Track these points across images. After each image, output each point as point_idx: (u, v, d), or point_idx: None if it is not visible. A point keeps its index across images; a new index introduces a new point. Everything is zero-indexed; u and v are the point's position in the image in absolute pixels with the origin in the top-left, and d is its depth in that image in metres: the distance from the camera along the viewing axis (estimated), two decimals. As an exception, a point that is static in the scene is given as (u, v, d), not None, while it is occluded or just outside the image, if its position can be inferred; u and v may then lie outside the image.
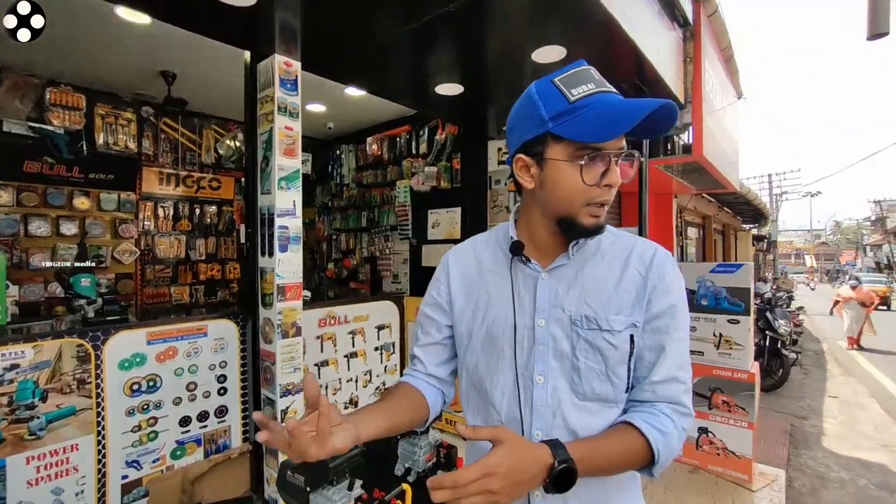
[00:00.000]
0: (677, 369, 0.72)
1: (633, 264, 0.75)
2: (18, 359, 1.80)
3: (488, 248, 0.85)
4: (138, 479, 2.17)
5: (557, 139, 0.69)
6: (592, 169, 0.68)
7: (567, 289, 0.75)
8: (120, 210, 4.03)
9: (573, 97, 0.67)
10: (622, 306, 0.72)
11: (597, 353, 0.71)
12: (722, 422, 2.79)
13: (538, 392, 0.73)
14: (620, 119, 0.64)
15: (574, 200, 0.70)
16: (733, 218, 11.61)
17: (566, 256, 0.76)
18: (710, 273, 2.85)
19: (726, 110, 4.34)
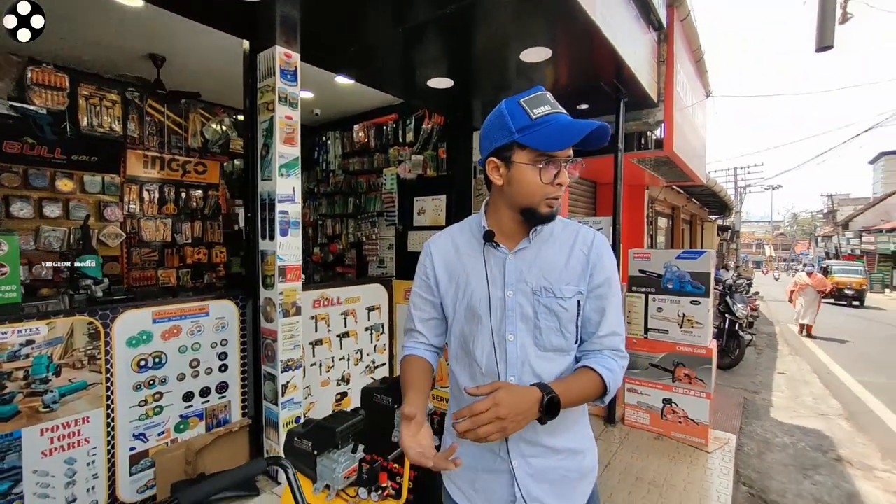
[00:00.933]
0: (616, 325, 0.95)
1: (578, 246, 0.96)
2: (34, 335, 1.88)
3: (463, 235, 1.04)
4: (145, 451, 2.29)
5: (522, 147, 0.88)
6: (548, 171, 0.88)
7: (529, 267, 0.95)
8: (104, 193, 3.99)
9: (535, 115, 0.87)
10: (571, 279, 0.94)
11: (553, 315, 0.92)
12: (684, 393, 3.11)
13: (510, 347, 0.93)
14: (569, 135, 0.86)
15: (535, 195, 0.90)
16: (700, 209, 12.21)
17: (527, 241, 0.96)
18: (675, 259, 3.14)
19: (695, 108, 4.63)
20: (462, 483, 1.02)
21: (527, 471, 0.93)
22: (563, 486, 0.96)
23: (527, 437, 0.93)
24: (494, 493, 0.96)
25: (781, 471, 3.15)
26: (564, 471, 0.96)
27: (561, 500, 0.95)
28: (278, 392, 2.42)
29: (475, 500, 0.99)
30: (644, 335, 3.31)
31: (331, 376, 3.23)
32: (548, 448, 0.94)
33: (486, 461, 0.97)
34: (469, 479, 1.00)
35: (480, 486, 0.98)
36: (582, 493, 0.99)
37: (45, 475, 1.94)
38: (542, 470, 0.94)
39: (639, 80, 2.98)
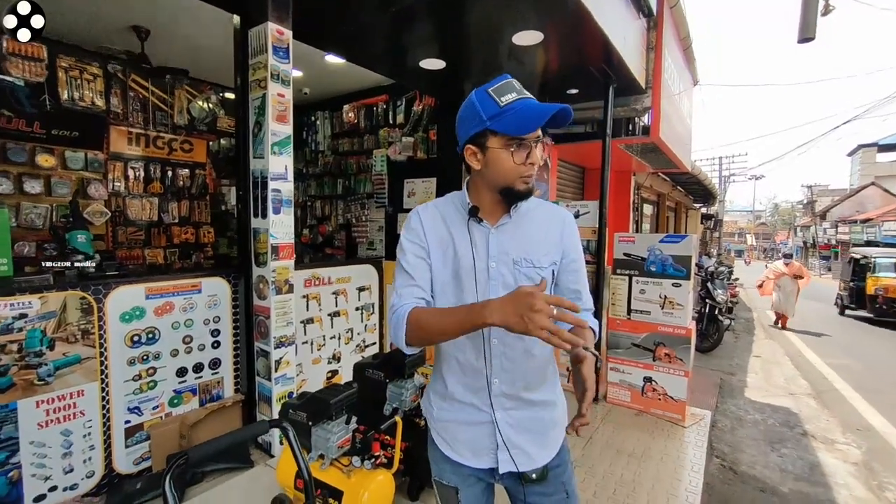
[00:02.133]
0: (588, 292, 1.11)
1: (553, 223, 1.08)
2: (26, 309, 1.88)
3: (447, 208, 1.09)
4: (139, 425, 2.33)
5: (494, 133, 0.96)
6: (519, 153, 0.96)
7: (510, 240, 1.04)
8: (87, 169, 3.91)
9: (502, 103, 0.94)
10: (547, 251, 1.05)
11: (531, 283, 0.99)
12: (664, 371, 3.25)
13: None
14: (534, 118, 0.93)
15: (510, 175, 0.98)
16: (685, 196, 12.44)
17: (508, 216, 1.05)
18: (659, 243, 3.24)
19: (682, 96, 4.70)
20: (447, 435, 1.11)
21: (508, 421, 1.04)
22: (541, 434, 1.08)
23: (507, 391, 1.04)
24: (478, 443, 1.06)
25: (752, 444, 3.34)
26: (540, 420, 1.07)
27: (537, 446, 1.07)
28: (271, 368, 2.46)
29: (460, 450, 1.09)
30: (627, 316, 3.43)
31: (322, 354, 3.29)
32: (526, 401, 1.05)
33: (469, 414, 1.06)
34: (454, 431, 1.09)
35: (464, 437, 1.08)
36: (554, 439, 1.11)
37: (41, 446, 1.97)
38: (521, 420, 1.05)
39: (628, 66, 3.02)
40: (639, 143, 4.23)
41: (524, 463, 1.05)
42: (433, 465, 1.17)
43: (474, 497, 1.13)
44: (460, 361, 1.05)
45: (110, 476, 2.20)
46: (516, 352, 1.02)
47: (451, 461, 1.10)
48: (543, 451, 1.08)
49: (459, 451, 1.09)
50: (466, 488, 1.12)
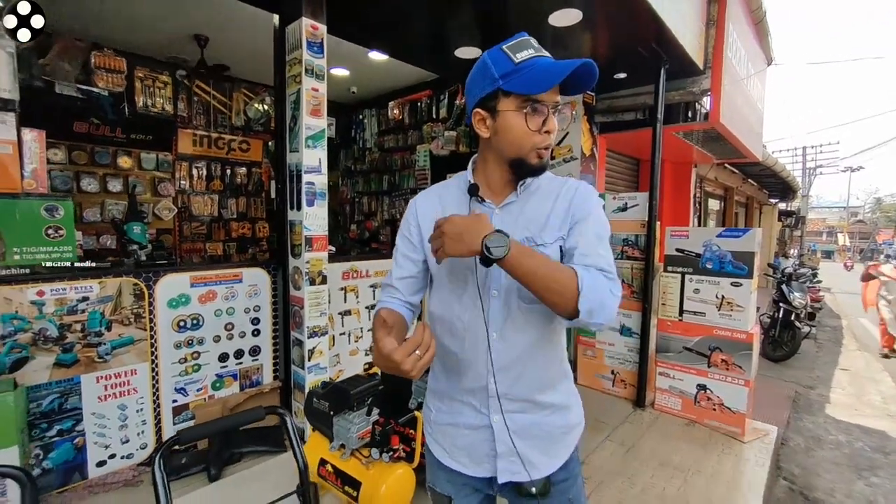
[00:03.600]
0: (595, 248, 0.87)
1: (562, 195, 0.93)
2: (88, 292, 2.08)
3: (449, 191, 1.02)
4: (185, 405, 2.49)
5: (506, 94, 0.85)
6: (534, 118, 0.85)
7: (515, 220, 0.93)
8: (158, 169, 4.30)
9: (517, 60, 0.84)
10: (553, 226, 0.91)
11: None
12: (720, 379, 2.94)
13: (494, 303, 0.91)
14: (553, 74, 0.82)
15: (523, 144, 0.87)
16: (758, 191, 11.30)
17: (515, 195, 0.94)
18: (716, 237, 2.93)
19: (752, 76, 4.24)
20: (444, 441, 1.02)
21: (508, 426, 0.93)
22: (548, 440, 0.96)
23: (509, 392, 0.92)
24: (476, 448, 0.97)
25: (832, 469, 2.92)
26: (549, 426, 0.95)
27: (544, 454, 0.95)
28: (305, 357, 2.53)
29: (458, 457, 0.99)
30: (679, 317, 3.14)
31: (359, 346, 3.34)
32: (532, 403, 0.94)
33: (465, 417, 0.97)
34: (450, 435, 1.00)
35: (462, 443, 0.98)
36: (563, 448, 0.98)
37: (101, 417, 2.16)
38: (525, 426, 0.94)
39: (682, 44, 2.76)
40: (699, 130, 3.86)
41: (524, 473, 0.94)
42: (427, 471, 1.09)
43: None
44: (459, 358, 0.95)
45: (160, 449, 2.38)
46: (518, 349, 0.91)
47: (445, 468, 1.02)
48: (549, 460, 0.96)
49: (457, 458, 1.00)
50: (461, 499, 1.03)
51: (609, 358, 3.56)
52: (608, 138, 4.48)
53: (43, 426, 1.97)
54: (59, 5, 3.09)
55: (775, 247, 12.65)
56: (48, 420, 1.99)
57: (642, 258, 3.30)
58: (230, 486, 2.19)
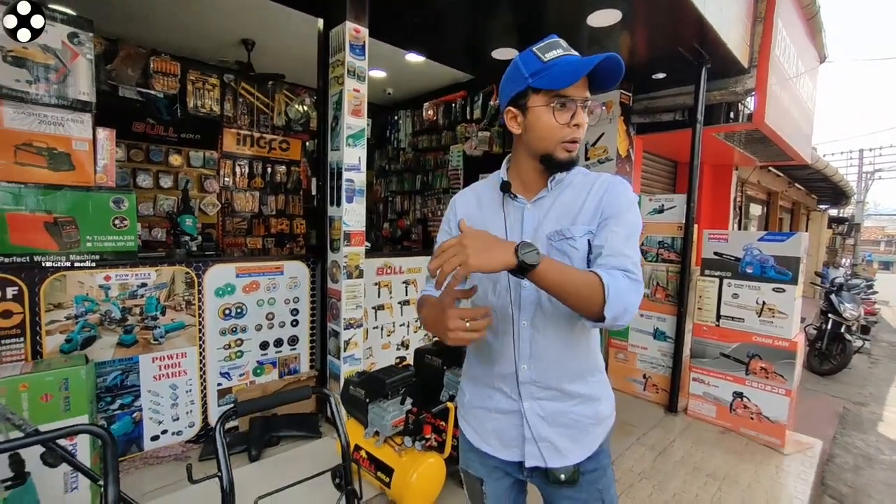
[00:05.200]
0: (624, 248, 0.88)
1: (594, 189, 0.95)
2: (146, 279, 2.24)
3: (486, 189, 1.06)
4: (229, 388, 2.63)
5: (536, 91, 0.89)
6: (563, 112, 0.88)
7: (546, 214, 0.96)
8: (205, 167, 4.54)
9: (546, 59, 0.88)
10: (584, 220, 0.93)
11: (565, 256, 0.92)
12: (758, 387, 2.84)
13: (524, 293, 0.95)
14: (578, 68, 0.86)
15: (551, 138, 0.90)
16: (806, 196, 10.72)
17: (546, 190, 0.97)
18: (757, 241, 2.83)
19: (802, 75, 4.06)
20: (475, 423, 1.06)
21: (538, 412, 0.97)
22: (576, 429, 0.98)
23: (539, 380, 0.96)
24: (506, 433, 1.00)
25: (884, 490, 2.76)
26: (577, 416, 0.98)
27: (573, 442, 0.98)
28: (340, 348, 2.63)
29: (488, 440, 1.03)
30: (715, 322, 3.05)
31: (391, 340, 3.43)
32: (561, 392, 0.97)
33: (496, 402, 1.01)
34: (481, 418, 1.04)
35: (492, 426, 1.02)
36: (595, 437, 1.00)
37: (156, 395, 2.33)
38: (554, 413, 0.97)
39: (725, 42, 2.69)
40: (742, 130, 3.73)
41: (553, 458, 0.96)
42: (461, 454, 1.13)
43: (501, 491, 1.07)
44: (490, 344, 1.00)
45: (206, 428, 2.53)
46: (548, 338, 0.94)
47: (477, 450, 1.06)
48: (577, 448, 0.98)
49: (487, 440, 1.03)
50: (493, 481, 1.06)
51: (641, 362, 3.49)
52: (645, 139, 4.40)
53: (107, 399, 2.15)
54: (124, 15, 3.33)
55: (824, 255, 11.96)
56: (112, 394, 2.16)
57: (678, 261, 3.23)
58: (270, 466, 2.31)
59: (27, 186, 1.91)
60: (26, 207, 1.90)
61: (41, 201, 1.93)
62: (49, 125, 1.96)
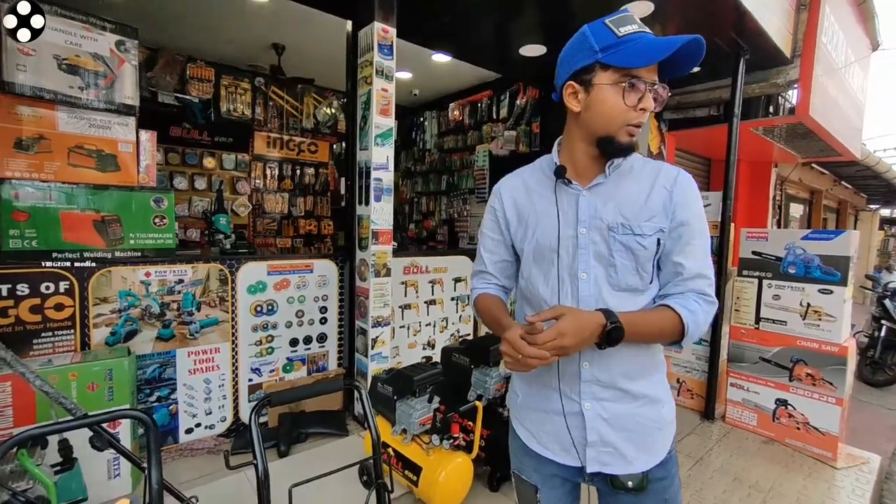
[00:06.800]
0: (702, 267, 0.88)
1: (660, 182, 0.89)
2: (183, 275, 2.32)
3: (534, 175, 1.00)
4: (259, 384, 2.69)
5: (605, 67, 0.83)
6: (631, 93, 0.82)
7: (605, 202, 0.89)
8: (236, 169, 4.69)
9: (621, 33, 0.81)
10: (651, 215, 0.87)
11: (629, 253, 0.87)
12: (805, 395, 2.68)
13: (583, 286, 0.89)
14: (657, 49, 0.80)
15: (615, 120, 0.84)
16: (854, 195, 10.12)
17: (603, 176, 0.90)
18: (801, 240, 2.67)
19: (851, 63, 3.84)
20: (531, 425, 1.00)
21: (601, 414, 0.90)
22: (642, 434, 0.91)
23: (602, 378, 0.89)
24: (565, 436, 0.93)
25: (948, 511, 2.56)
26: (642, 418, 0.91)
27: (639, 448, 0.91)
28: (368, 345, 2.65)
29: (545, 443, 0.97)
30: (755, 325, 2.91)
31: (418, 339, 3.43)
32: (624, 392, 0.90)
33: (555, 403, 0.94)
34: (538, 421, 0.98)
35: (550, 429, 0.96)
36: (662, 444, 0.93)
37: (190, 388, 2.40)
38: (617, 415, 0.90)
39: (766, 31, 2.57)
40: (783, 125, 3.55)
41: (617, 465, 0.90)
42: (513, 457, 1.07)
43: (556, 500, 1.00)
44: None
45: (237, 423, 2.59)
46: None
47: (533, 455, 0.99)
48: (643, 455, 0.91)
49: (545, 444, 0.97)
50: (548, 490, 0.99)
51: (675, 366, 3.37)
52: (677, 136, 4.25)
53: (146, 391, 2.23)
54: (163, 23, 3.48)
55: (875, 259, 11.25)
56: (150, 387, 2.25)
57: (714, 261, 3.10)
58: (299, 461, 2.34)
59: (78, 186, 2.01)
60: (77, 206, 2.01)
61: (90, 200, 2.03)
62: (98, 128, 2.06)
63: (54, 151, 1.97)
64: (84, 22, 1.98)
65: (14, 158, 1.89)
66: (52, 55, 1.92)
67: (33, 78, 1.88)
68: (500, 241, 1.04)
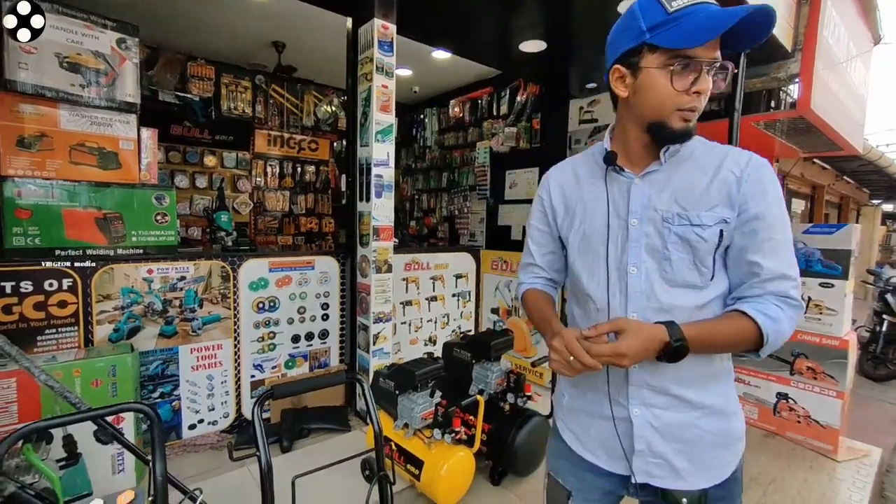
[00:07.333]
0: (784, 266, 0.77)
1: (726, 167, 0.79)
2: (185, 272, 2.33)
3: (584, 163, 0.94)
4: (262, 380, 2.70)
5: (653, 49, 0.75)
6: (683, 76, 0.74)
7: (660, 191, 0.82)
8: (237, 167, 4.70)
9: (672, 8, 0.72)
10: (713, 204, 0.78)
11: (687, 246, 0.79)
12: (805, 388, 2.68)
13: (632, 280, 0.83)
14: (711, 25, 0.69)
15: (665, 106, 0.76)
16: (856, 190, 10.09)
17: (658, 163, 0.83)
18: (802, 234, 2.67)
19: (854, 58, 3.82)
20: (576, 427, 0.95)
21: (651, 422, 0.83)
22: (700, 448, 0.82)
23: (654, 383, 0.82)
24: (611, 442, 0.87)
25: (953, 506, 2.56)
26: (701, 431, 0.82)
27: (694, 464, 0.82)
28: (370, 341, 2.66)
29: (589, 446, 0.92)
30: (758, 320, 2.91)
31: (419, 336, 3.44)
32: (680, 399, 0.82)
33: (603, 407, 0.88)
34: (584, 423, 0.93)
35: (597, 434, 0.90)
36: (725, 463, 0.84)
37: (193, 385, 2.41)
38: (670, 424, 0.82)
39: (767, 24, 2.56)
40: (784, 119, 3.54)
41: (668, 478, 0.83)
42: (550, 457, 1.02)
43: None
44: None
45: (240, 419, 2.60)
46: None
47: (573, 459, 0.94)
48: (699, 472, 0.82)
49: (591, 448, 0.91)
50: (582, 499, 0.93)
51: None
52: (679, 131, 4.23)
53: (150, 387, 2.25)
54: (163, 21, 3.49)
55: (878, 254, 11.22)
56: (153, 383, 2.26)
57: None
58: (302, 456, 2.36)
59: (80, 184, 2.02)
60: (79, 204, 2.02)
61: (92, 198, 2.04)
62: (99, 126, 2.07)
63: (56, 149, 1.98)
64: (85, 20, 1.99)
65: (16, 156, 1.90)
66: (54, 53, 1.92)
67: (35, 76, 1.89)
68: (548, 233, 1.00)
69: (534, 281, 1.05)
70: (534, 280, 1.05)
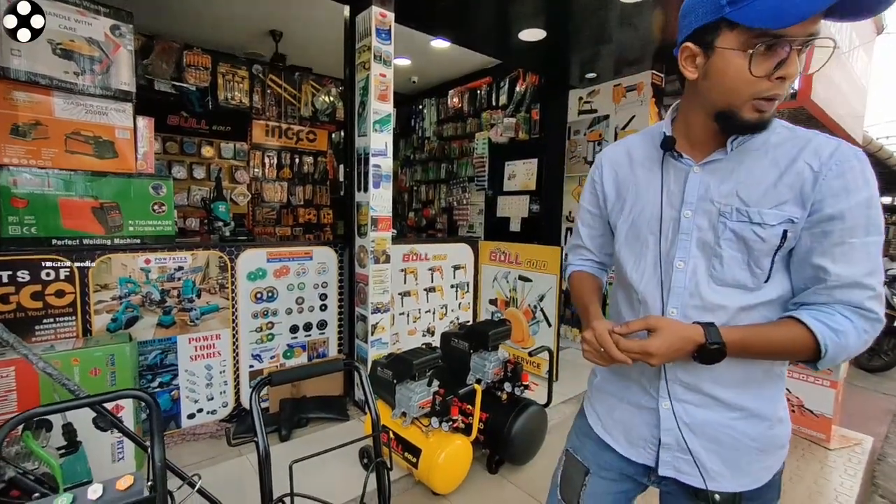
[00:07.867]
0: (863, 275, 0.67)
1: (804, 158, 0.69)
2: (183, 262, 2.33)
3: (642, 145, 0.87)
4: (260, 370, 2.71)
5: (732, 26, 0.65)
6: (765, 59, 0.63)
7: (720, 183, 0.74)
8: (235, 158, 4.67)
9: None
10: (780, 200, 0.70)
11: (741, 244, 0.72)
12: (799, 378, 2.71)
13: (677, 276, 0.78)
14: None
15: (738, 93, 0.67)
16: (857, 183, 10.04)
17: (723, 152, 0.74)
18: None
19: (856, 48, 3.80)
20: (602, 409, 0.93)
21: (682, 417, 0.80)
22: (735, 450, 0.78)
23: (686, 380, 0.79)
24: (633, 429, 0.86)
25: (941, 492, 2.59)
26: (737, 433, 0.78)
27: (727, 465, 0.79)
28: (368, 332, 2.67)
29: (611, 430, 0.90)
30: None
31: (417, 326, 3.45)
32: (714, 399, 0.78)
33: (631, 394, 0.87)
34: (609, 405, 0.91)
35: (619, 417, 0.89)
36: (762, 468, 0.80)
37: (192, 374, 2.42)
38: (704, 422, 0.79)
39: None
40: (784, 110, 3.53)
41: (696, 477, 0.80)
42: (573, 434, 1.00)
43: (605, 492, 0.91)
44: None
45: (239, 409, 2.62)
46: None
47: (596, 440, 0.93)
48: (732, 474, 0.79)
49: (610, 431, 0.90)
50: (599, 479, 0.91)
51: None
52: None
53: (148, 377, 2.25)
54: (158, 9, 3.44)
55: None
56: (152, 372, 2.27)
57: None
58: (300, 444, 2.37)
59: (76, 173, 2.01)
60: (76, 193, 2.00)
61: (89, 187, 2.03)
62: (94, 114, 2.05)
63: (51, 138, 1.96)
64: (77, 6, 1.96)
65: (11, 145, 1.89)
66: (47, 39, 1.90)
67: (28, 63, 1.87)
68: (598, 216, 0.96)
69: (582, 264, 1.03)
70: (582, 263, 1.03)
